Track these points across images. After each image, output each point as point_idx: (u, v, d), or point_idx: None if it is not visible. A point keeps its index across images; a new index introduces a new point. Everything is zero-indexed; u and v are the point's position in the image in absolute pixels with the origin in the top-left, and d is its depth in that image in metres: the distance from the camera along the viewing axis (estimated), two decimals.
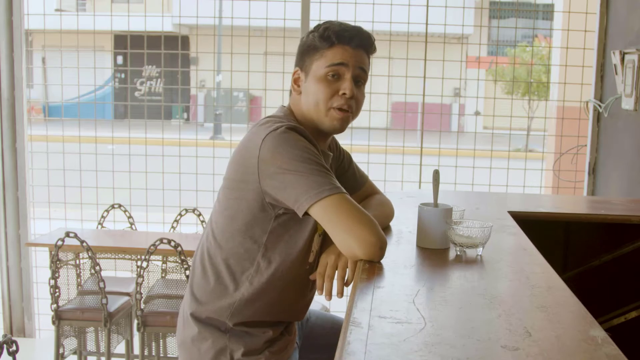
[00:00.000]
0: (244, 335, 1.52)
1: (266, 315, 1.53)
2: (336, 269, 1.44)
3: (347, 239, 1.36)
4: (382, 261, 1.40)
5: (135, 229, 3.56)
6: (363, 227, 1.35)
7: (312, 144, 1.45)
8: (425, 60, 3.67)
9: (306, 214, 1.39)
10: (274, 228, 1.47)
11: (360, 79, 1.53)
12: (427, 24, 3.58)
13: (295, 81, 1.57)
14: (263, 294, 1.51)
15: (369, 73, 1.59)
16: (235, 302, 1.50)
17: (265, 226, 1.47)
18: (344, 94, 1.50)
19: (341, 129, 1.54)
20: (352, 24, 1.59)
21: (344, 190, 1.40)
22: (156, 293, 2.87)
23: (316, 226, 1.52)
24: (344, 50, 1.50)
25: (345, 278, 1.44)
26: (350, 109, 1.52)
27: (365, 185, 1.78)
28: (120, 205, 3.50)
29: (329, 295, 1.44)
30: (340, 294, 1.43)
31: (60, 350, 2.95)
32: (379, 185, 1.88)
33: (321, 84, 1.50)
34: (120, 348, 3.20)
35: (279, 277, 1.51)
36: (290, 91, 1.60)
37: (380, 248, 1.36)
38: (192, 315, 1.55)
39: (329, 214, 1.36)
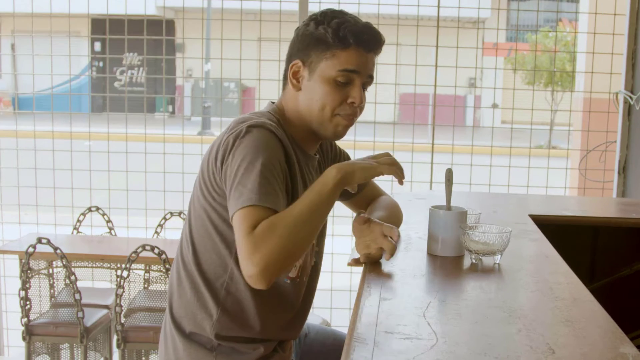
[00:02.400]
0: (232, 352, 1.52)
1: (253, 331, 1.54)
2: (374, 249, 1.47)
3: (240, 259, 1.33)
4: (389, 270, 1.40)
5: (115, 235, 3.56)
6: (246, 249, 1.30)
7: (285, 149, 1.46)
8: (437, 47, 3.67)
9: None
10: None
11: (366, 84, 1.56)
12: (439, 6, 3.58)
13: (295, 74, 1.55)
14: (244, 305, 1.52)
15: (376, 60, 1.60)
16: (217, 314, 1.51)
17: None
18: (353, 102, 1.52)
19: (343, 134, 1.57)
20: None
21: (264, 204, 1.34)
22: (138, 306, 2.87)
23: None
24: (359, 56, 1.50)
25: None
26: (355, 115, 1.55)
27: (366, 187, 1.78)
28: (98, 208, 3.50)
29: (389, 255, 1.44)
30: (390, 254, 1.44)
31: None
32: (386, 186, 1.88)
33: (329, 87, 1.51)
34: None
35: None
36: (285, 83, 1.59)
37: (257, 282, 1.30)
38: (174, 331, 1.55)
39: (235, 226, 1.35)
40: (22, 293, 2.86)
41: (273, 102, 1.62)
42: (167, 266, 2.78)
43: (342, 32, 1.49)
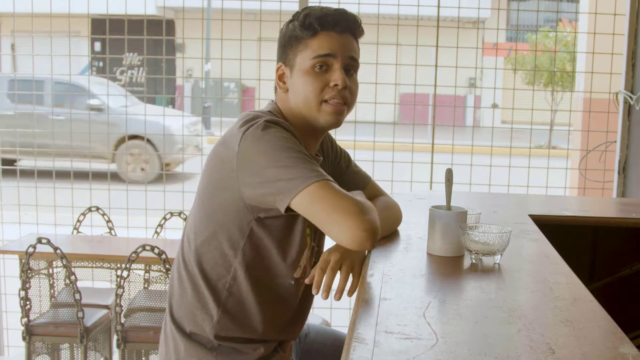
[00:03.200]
0: (232, 352, 1.53)
1: (254, 332, 1.54)
2: (339, 267, 1.44)
3: (332, 229, 1.37)
4: (389, 270, 1.40)
5: (115, 235, 3.56)
6: (347, 215, 1.35)
7: (296, 138, 1.46)
8: (437, 47, 3.67)
9: (290, 210, 1.39)
10: (253, 233, 1.48)
11: (351, 68, 1.54)
12: (439, 6, 3.58)
13: (280, 77, 1.57)
14: (245, 306, 1.52)
15: (376, 60, 1.60)
16: (217, 315, 1.51)
17: (243, 230, 1.48)
18: (336, 85, 1.50)
19: (337, 123, 1.54)
20: (346, 7, 1.59)
21: (328, 177, 1.39)
22: (138, 306, 2.87)
23: (305, 239, 1.53)
24: (330, 38, 1.50)
25: (349, 282, 1.43)
26: (345, 100, 1.52)
27: (367, 187, 1.78)
28: (98, 208, 3.50)
29: (327, 292, 1.42)
30: (340, 294, 1.41)
31: None
32: (386, 186, 1.88)
33: (308, 77, 1.51)
34: None
35: (260, 289, 1.52)
36: (276, 88, 1.60)
37: (369, 237, 1.35)
38: (175, 331, 1.55)
39: (310, 205, 1.36)
40: (22, 293, 2.86)
41: (273, 101, 1.62)
42: (167, 266, 2.78)
43: (308, 20, 1.50)
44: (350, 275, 1.43)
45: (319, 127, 1.55)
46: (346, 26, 1.52)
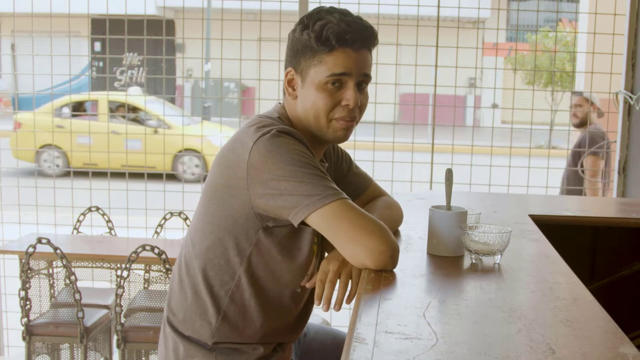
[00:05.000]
0: (232, 352, 1.53)
1: (252, 338, 1.54)
2: (339, 277, 1.44)
3: (353, 249, 1.36)
4: (389, 270, 1.40)
5: (115, 235, 3.56)
6: (370, 235, 1.35)
7: (307, 149, 1.45)
8: (437, 47, 3.67)
9: (303, 224, 1.39)
10: (261, 241, 1.47)
11: (363, 83, 1.52)
12: (439, 6, 3.58)
13: (289, 83, 1.54)
14: (247, 314, 1.51)
15: (376, 61, 1.59)
16: (216, 323, 1.50)
17: (250, 238, 1.46)
18: (347, 105, 1.48)
19: (344, 138, 1.54)
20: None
21: (346, 196, 1.39)
22: (138, 306, 2.87)
23: (312, 247, 1.52)
24: (346, 56, 1.46)
25: (348, 290, 1.43)
26: (354, 118, 1.52)
27: (369, 188, 1.78)
28: (98, 208, 3.50)
29: (327, 305, 1.42)
30: (339, 305, 1.42)
31: None
32: (386, 186, 1.88)
33: (321, 93, 1.48)
34: None
35: (263, 296, 1.51)
36: (284, 91, 1.59)
37: (392, 256, 1.36)
38: (173, 332, 1.55)
39: (330, 223, 1.36)
40: (22, 293, 2.86)
41: (280, 103, 1.61)
42: (167, 266, 2.78)
43: (325, 34, 1.45)
44: (350, 282, 1.43)
45: (324, 141, 1.55)
46: (362, 43, 1.48)
